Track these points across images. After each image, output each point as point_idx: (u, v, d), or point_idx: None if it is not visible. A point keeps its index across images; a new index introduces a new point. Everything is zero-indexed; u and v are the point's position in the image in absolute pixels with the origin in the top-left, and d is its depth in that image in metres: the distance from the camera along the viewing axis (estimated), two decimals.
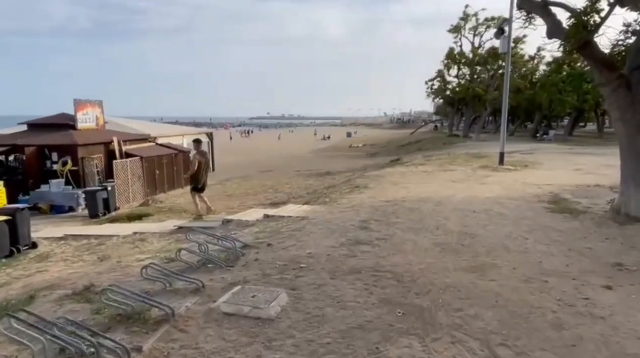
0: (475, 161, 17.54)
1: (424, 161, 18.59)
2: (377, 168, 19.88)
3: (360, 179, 13.31)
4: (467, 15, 36.03)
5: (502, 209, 8.36)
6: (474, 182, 12.20)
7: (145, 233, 9.84)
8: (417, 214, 7.80)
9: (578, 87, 32.46)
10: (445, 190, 10.74)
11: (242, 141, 67.21)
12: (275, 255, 5.36)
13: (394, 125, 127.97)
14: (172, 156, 20.63)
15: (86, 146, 16.93)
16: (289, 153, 44.24)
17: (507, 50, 14.80)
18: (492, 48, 34.07)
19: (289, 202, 13.67)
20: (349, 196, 10.36)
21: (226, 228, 8.86)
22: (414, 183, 11.90)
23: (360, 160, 32.25)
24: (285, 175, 24.21)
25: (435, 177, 13.20)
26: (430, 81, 41.86)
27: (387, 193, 10.37)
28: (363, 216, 7.68)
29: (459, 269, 4.88)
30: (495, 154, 20.91)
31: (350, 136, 76.76)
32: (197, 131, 28.57)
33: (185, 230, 9.52)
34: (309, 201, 11.53)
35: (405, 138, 57.27)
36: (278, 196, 15.79)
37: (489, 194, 10.24)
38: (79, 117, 17.94)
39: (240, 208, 14.48)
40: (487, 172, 14.24)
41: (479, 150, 25.13)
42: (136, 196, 18.03)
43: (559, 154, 22.02)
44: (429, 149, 34.39)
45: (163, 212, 14.55)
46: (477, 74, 37.75)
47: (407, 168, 15.63)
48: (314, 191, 14.25)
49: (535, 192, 10.51)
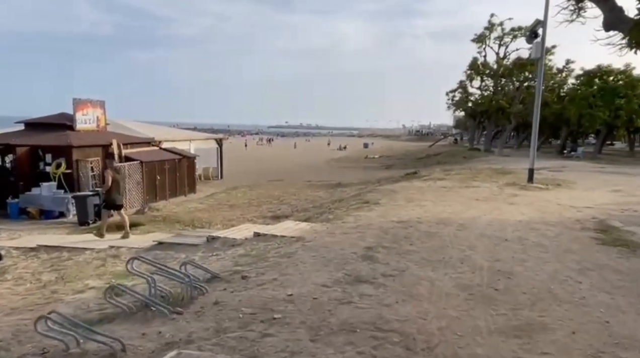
0: (501, 177, 15.98)
1: (443, 175, 17.10)
2: (391, 181, 18.45)
3: (371, 193, 11.94)
4: (493, 25, 34.52)
5: (539, 238, 6.88)
6: (501, 202, 10.71)
7: (121, 248, 8.65)
8: (435, 241, 6.39)
9: (610, 102, 30.52)
10: (468, 210, 9.29)
11: (257, 148, 66.41)
12: (245, 296, 4.04)
13: (412, 137, 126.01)
14: (176, 161, 19.57)
15: (82, 148, 15.97)
16: (303, 162, 43.06)
17: (540, 55, 13.33)
18: (518, 58, 32.46)
19: (292, 216, 12.39)
20: (356, 214, 9.00)
21: (210, 247, 7.60)
22: (431, 201, 10.47)
23: (375, 172, 30.80)
24: (294, 185, 22.95)
25: (456, 194, 11.74)
26: (451, 92, 40.35)
27: (400, 211, 8.97)
28: (369, 240, 6.32)
29: (494, 331, 3.48)
30: (521, 170, 19.29)
31: (367, 147, 75.29)
32: (205, 136, 27.57)
33: (166, 246, 8.30)
34: (311, 217, 10.22)
35: (424, 151, 55.57)
36: (282, 209, 14.52)
37: (520, 217, 8.76)
38: (78, 117, 17.03)
39: (239, 220, 13.24)
40: (515, 190, 12.71)
41: (503, 165, 23.48)
42: (134, 202, 16.96)
43: (591, 173, 20.27)
44: (448, 163, 32.76)
45: (156, 222, 13.39)
46: (501, 85, 36.05)
47: (424, 182, 14.19)
48: (320, 205, 12.93)
49: (575, 216, 8.98)
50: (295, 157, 48.85)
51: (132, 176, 16.79)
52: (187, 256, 7.26)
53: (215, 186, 24.11)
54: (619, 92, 30.96)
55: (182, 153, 20.52)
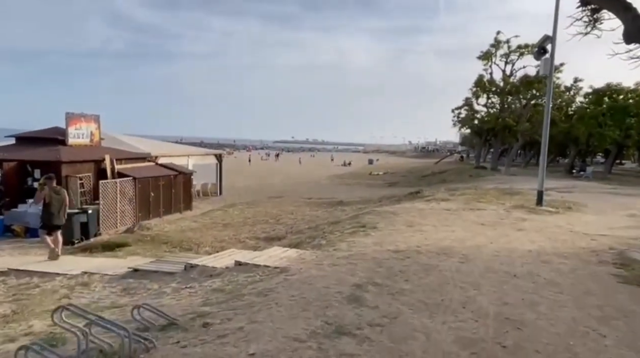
0: (508, 199, 15.21)
1: (448, 195, 16.35)
2: (393, 200, 17.74)
3: (369, 216, 11.23)
4: (499, 42, 34.08)
5: (552, 273, 6.13)
6: (508, 227, 9.96)
7: (95, 275, 7.97)
8: (434, 277, 5.67)
9: (620, 121, 29.77)
10: (473, 237, 8.55)
11: (261, 163, 65.97)
12: (198, 355, 3.33)
13: (418, 154, 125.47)
14: (171, 177, 18.99)
15: (73, 164, 15.43)
16: (306, 178, 42.46)
17: (549, 72, 12.69)
18: (525, 76, 31.88)
19: (285, 238, 11.71)
20: (350, 240, 8.29)
21: (187, 276, 6.91)
22: (433, 225, 9.74)
23: (378, 190, 30.09)
24: (294, 203, 22.28)
25: (460, 217, 11.00)
26: (457, 109, 39.77)
27: (398, 238, 8.25)
28: (359, 275, 5.60)
29: None
30: (529, 191, 18.51)
31: (372, 163, 74.72)
32: (204, 151, 27.05)
33: (141, 273, 7.61)
34: (303, 241, 9.52)
35: (429, 168, 54.86)
36: (276, 230, 13.83)
37: (530, 246, 8.01)
38: (70, 132, 16.55)
39: (231, 241, 12.57)
40: (523, 214, 11.95)
41: (510, 185, 22.70)
42: (126, 220, 16.35)
43: (602, 195, 19.44)
44: (453, 181, 32.00)
45: (144, 242, 12.75)
46: (508, 103, 35.41)
47: (427, 203, 13.46)
48: (315, 227, 12.22)
49: (589, 246, 8.21)
50: (299, 173, 48.28)
51: (124, 193, 16.22)
52: (160, 288, 6.59)
53: (213, 203, 23.48)
54: (629, 111, 30.22)
55: (179, 168, 19.96)
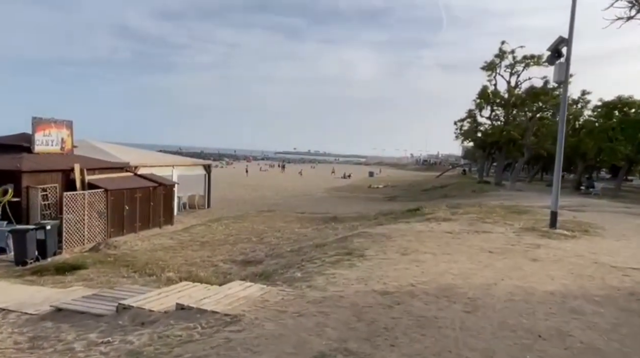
0: (516, 219, 13.69)
1: (449, 214, 14.84)
2: (390, 218, 16.22)
3: (359, 239, 9.73)
4: (504, 52, 32.79)
5: (588, 331, 4.62)
6: (520, 256, 8.45)
7: (12, 313, 6.46)
8: (431, 338, 4.16)
9: (632, 136, 28.29)
10: (480, 271, 7.04)
11: (258, 174, 64.51)
12: None
13: (420, 167, 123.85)
14: (150, 189, 17.55)
15: (35, 174, 14.01)
16: (303, 190, 40.96)
17: (564, 77, 11.29)
18: (531, 87, 30.51)
19: (262, 263, 10.21)
20: (330, 272, 6.79)
21: (114, 322, 5.41)
22: (432, 253, 8.24)
23: (377, 204, 28.55)
24: (285, 218, 20.77)
25: (464, 242, 9.48)
26: (459, 121, 38.31)
27: (389, 271, 6.74)
28: (329, 335, 4.11)
29: None
30: (538, 209, 16.99)
31: (373, 176, 73.15)
32: (192, 161, 25.61)
33: (64, 315, 6.10)
34: (277, 270, 8.01)
35: (430, 181, 53.31)
36: (257, 250, 12.32)
37: (550, 285, 6.49)
38: (37, 138, 15.17)
39: (203, 265, 11.06)
40: (536, 238, 10.42)
41: (517, 202, 21.18)
42: (96, 236, 14.88)
43: (617, 215, 17.85)
44: (455, 196, 30.45)
45: (104, 264, 11.26)
46: (512, 116, 34.01)
47: (426, 224, 11.95)
48: (298, 250, 10.70)
49: (624, 285, 6.69)
50: (296, 185, 46.75)
51: (93, 206, 14.77)
52: (74, 340, 5.11)
53: (199, 217, 21.98)
54: None
55: (159, 180, 18.51)
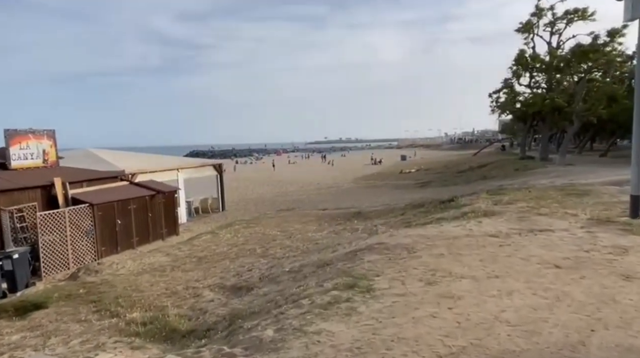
0: (578, 205, 10.84)
1: (491, 203, 12.13)
2: (419, 213, 13.66)
3: (371, 256, 7.32)
4: (541, 10, 28.99)
5: None
6: (604, 270, 5.81)
7: None
8: None
9: None
10: (549, 311, 4.51)
11: (286, 168, 62.72)
12: None
13: (454, 146, 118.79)
14: (146, 198, 15.72)
15: (8, 193, 12.36)
16: (329, 182, 38.67)
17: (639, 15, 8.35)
18: (577, 45, 26.67)
19: (251, 291, 8.00)
20: (315, 330, 4.47)
21: None
22: (473, 278, 5.73)
23: (407, 193, 25.85)
24: (303, 217, 18.56)
25: (516, 252, 6.88)
26: (495, 93, 34.69)
27: (405, 326, 4.33)
28: None
29: None
30: (600, 187, 13.96)
31: (405, 159, 69.87)
32: (200, 162, 23.75)
33: None
34: (251, 315, 5.74)
35: (466, 161, 49.74)
36: (254, 269, 10.12)
37: None
38: (13, 152, 13.57)
39: (181, 296, 8.95)
40: (617, 236, 7.66)
41: (571, 180, 18.04)
42: (84, 257, 13.19)
43: None
44: (496, 177, 27.27)
45: (71, 298, 9.40)
46: (556, 80, 30.15)
47: (462, 224, 9.35)
48: (299, 269, 8.39)
49: None
50: (323, 177, 44.47)
51: (77, 225, 13.02)
52: None
53: (210, 222, 20.15)
54: None
55: (158, 186, 16.66)
